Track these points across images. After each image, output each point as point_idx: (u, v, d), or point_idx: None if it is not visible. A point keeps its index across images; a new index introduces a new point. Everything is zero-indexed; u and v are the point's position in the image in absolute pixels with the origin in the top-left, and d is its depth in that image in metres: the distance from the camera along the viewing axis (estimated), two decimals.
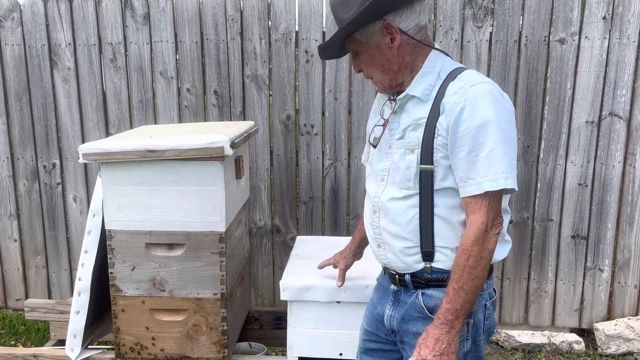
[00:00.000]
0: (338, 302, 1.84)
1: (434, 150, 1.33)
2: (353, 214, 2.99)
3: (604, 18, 2.68)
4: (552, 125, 2.80)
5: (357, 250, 1.80)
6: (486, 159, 1.27)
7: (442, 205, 1.36)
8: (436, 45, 1.43)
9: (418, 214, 1.37)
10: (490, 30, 2.75)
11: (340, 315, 1.85)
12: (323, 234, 2.99)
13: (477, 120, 1.27)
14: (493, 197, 1.29)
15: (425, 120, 1.35)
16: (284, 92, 2.90)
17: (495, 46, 2.76)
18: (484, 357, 1.48)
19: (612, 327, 2.91)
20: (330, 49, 1.46)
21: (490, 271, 1.42)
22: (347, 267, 1.82)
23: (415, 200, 1.37)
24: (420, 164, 1.35)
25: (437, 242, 1.38)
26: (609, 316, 2.99)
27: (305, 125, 2.92)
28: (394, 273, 1.47)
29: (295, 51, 2.87)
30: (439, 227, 1.37)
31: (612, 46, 2.71)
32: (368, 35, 1.37)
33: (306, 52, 2.85)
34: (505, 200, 1.38)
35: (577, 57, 2.73)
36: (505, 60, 2.77)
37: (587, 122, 2.78)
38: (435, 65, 1.39)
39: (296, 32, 2.85)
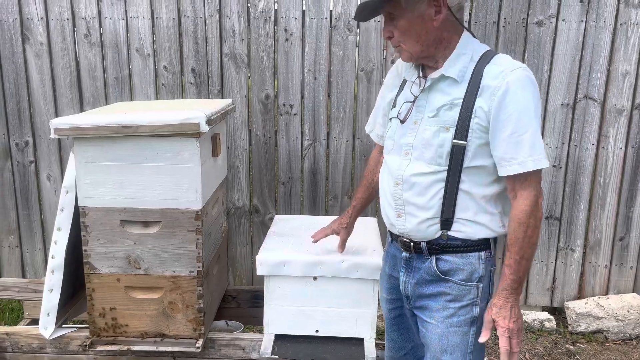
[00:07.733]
0: (314, 278, 1.85)
1: (469, 130, 1.38)
2: (332, 194, 3.00)
3: (581, 1, 2.70)
4: None
5: (355, 220, 1.85)
6: (529, 141, 1.35)
7: (468, 181, 1.42)
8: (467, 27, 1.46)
9: (443, 188, 1.43)
10: (470, 12, 2.75)
11: (317, 292, 1.87)
12: (301, 215, 2.99)
13: (520, 104, 1.34)
14: (538, 174, 1.39)
15: (461, 100, 1.39)
16: (262, 71, 2.87)
17: (474, 27, 2.77)
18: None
19: (583, 305, 2.99)
20: (367, 9, 1.43)
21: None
22: (348, 236, 1.87)
23: (442, 175, 1.42)
24: (454, 139, 1.40)
25: (458, 214, 1.44)
26: (580, 295, 3.07)
27: (284, 105, 2.90)
28: (408, 241, 1.51)
29: (274, 29, 2.83)
30: (462, 200, 1.43)
31: (588, 29, 2.73)
32: (414, 3, 1.37)
33: (285, 30, 2.81)
34: None
35: (554, 39, 2.75)
36: (484, 41, 2.72)
37: (562, 104, 2.82)
38: (468, 47, 1.43)
39: (275, 10, 2.81)
